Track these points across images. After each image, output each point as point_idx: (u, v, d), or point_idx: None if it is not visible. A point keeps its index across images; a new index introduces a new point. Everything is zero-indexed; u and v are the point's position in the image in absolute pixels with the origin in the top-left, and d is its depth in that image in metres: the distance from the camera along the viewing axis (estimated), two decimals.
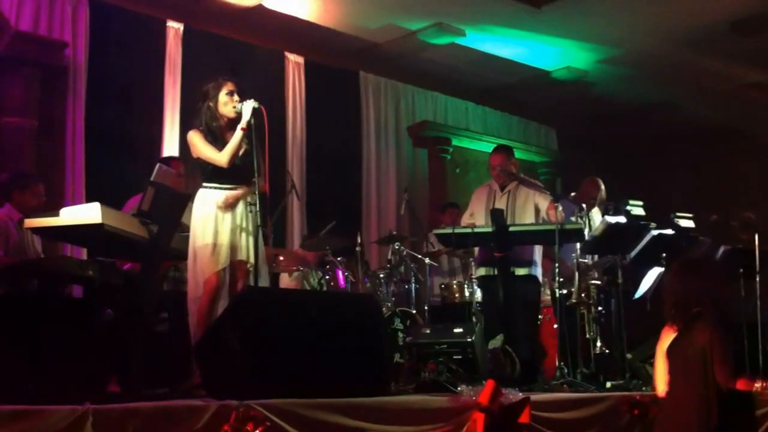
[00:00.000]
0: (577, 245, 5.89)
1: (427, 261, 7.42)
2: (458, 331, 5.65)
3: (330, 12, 8.34)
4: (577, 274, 5.89)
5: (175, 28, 8.03)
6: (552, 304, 6.49)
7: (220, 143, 4.62)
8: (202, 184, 4.67)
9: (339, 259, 7.02)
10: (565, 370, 5.65)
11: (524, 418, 4.13)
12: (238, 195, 4.64)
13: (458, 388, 4.41)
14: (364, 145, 9.50)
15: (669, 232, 5.92)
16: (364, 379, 4.11)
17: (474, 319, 6.28)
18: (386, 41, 9.06)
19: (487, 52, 9.34)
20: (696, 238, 6.06)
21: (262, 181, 4.57)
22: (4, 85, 6.86)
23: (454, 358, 5.38)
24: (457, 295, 7.24)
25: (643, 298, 6.27)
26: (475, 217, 6.30)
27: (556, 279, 5.77)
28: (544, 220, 6.08)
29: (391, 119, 9.82)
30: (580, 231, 5.79)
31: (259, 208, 4.52)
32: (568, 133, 11.75)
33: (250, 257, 4.56)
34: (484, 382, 4.18)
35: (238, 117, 4.62)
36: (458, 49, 9.19)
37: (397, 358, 5.89)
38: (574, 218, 5.95)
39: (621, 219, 5.77)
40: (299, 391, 3.56)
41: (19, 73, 6.88)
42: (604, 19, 8.51)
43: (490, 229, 5.89)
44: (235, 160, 4.59)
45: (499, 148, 6.69)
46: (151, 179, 4.61)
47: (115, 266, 5.27)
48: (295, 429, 3.37)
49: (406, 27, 8.77)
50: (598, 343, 5.92)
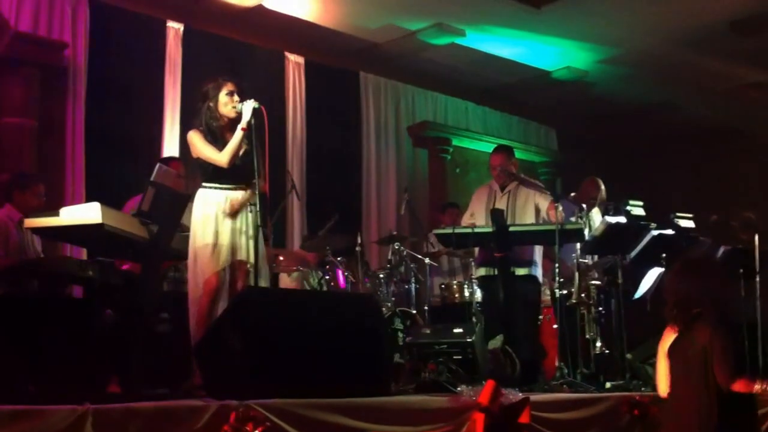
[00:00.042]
0: (577, 245, 5.89)
1: (427, 261, 7.42)
2: (458, 331, 5.64)
3: (330, 12, 8.34)
4: (577, 275, 5.89)
5: (175, 28, 8.03)
6: (552, 305, 6.48)
7: (220, 143, 4.62)
8: (202, 184, 4.66)
9: (339, 259, 7.01)
10: (565, 371, 5.65)
11: (524, 419, 4.13)
12: (242, 201, 4.62)
13: (458, 389, 4.40)
14: (364, 145, 9.49)
15: (669, 232, 5.91)
16: (364, 380, 4.11)
17: (474, 320, 6.28)
18: (386, 41, 9.05)
19: (487, 52, 9.34)
20: (696, 238, 6.06)
21: (262, 182, 4.57)
22: (4, 86, 6.86)
23: (454, 358, 5.37)
24: (457, 296, 7.23)
25: (643, 298, 6.26)
26: (476, 218, 6.30)
27: (556, 279, 5.78)
28: (545, 220, 6.09)
29: (391, 119, 9.82)
30: (580, 231, 5.79)
31: (259, 208, 4.51)
32: (568, 133, 11.74)
33: (250, 257, 4.55)
34: (484, 383, 4.18)
35: (238, 117, 4.61)
36: (458, 49, 9.19)
37: (397, 359, 5.88)
38: (574, 218, 5.95)
39: (621, 219, 5.77)
40: (299, 392, 3.56)
41: (18, 73, 6.88)
42: (604, 19, 8.51)
43: (490, 230, 5.90)
44: (235, 160, 4.59)
45: (500, 149, 6.70)
46: (151, 179, 4.62)
47: (115, 266, 5.27)
48: (295, 429, 3.37)
49: (406, 27, 8.77)
50: (598, 344, 5.91)
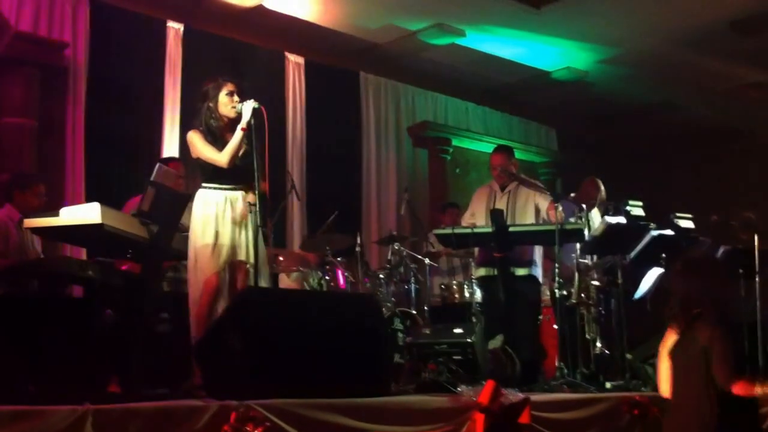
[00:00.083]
0: (577, 246, 5.89)
1: (427, 261, 7.42)
2: (458, 331, 5.64)
3: (330, 12, 8.34)
4: (577, 275, 5.88)
5: (175, 28, 8.03)
6: (552, 305, 6.48)
7: (220, 143, 4.61)
8: (202, 184, 4.66)
9: (339, 260, 7.01)
10: (565, 371, 5.65)
11: (524, 419, 4.14)
12: (242, 213, 4.62)
13: (458, 389, 4.41)
14: (364, 146, 9.49)
15: (669, 232, 5.91)
16: (364, 380, 4.11)
17: (474, 320, 6.27)
18: (386, 41, 9.05)
19: (487, 53, 9.34)
20: (696, 238, 6.06)
21: (262, 182, 4.57)
22: (4, 86, 6.87)
23: (454, 358, 5.38)
24: (457, 296, 7.23)
25: (643, 298, 6.26)
26: (476, 218, 6.31)
27: (556, 279, 5.78)
28: (545, 220, 6.09)
29: (392, 119, 9.82)
30: (580, 231, 5.79)
31: (259, 209, 4.52)
32: (568, 134, 11.75)
33: (251, 257, 4.55)
34: (484, 383, 4.18)
35: (238, 117, 4.61)
36: (458, 50, 9.19)
37: (397, 359, 5.88)
38: (574, 219, 5.95)
39: (621, 219, 5.77)
40: (299, 392, 3.56)
41: (19, 73, 6.88)
42: (604, 19, 8.51)
43: (490, 230, 5.90)
44: (235, 160, 4.58)
45: (500, 149, 6.70)
46: (151, 179, 4.62)
47: (115, 267, 5.27)
48: (295, 429, 3.37)
49: (407, 27, 8.77)
50: (598, 344, 5.91)
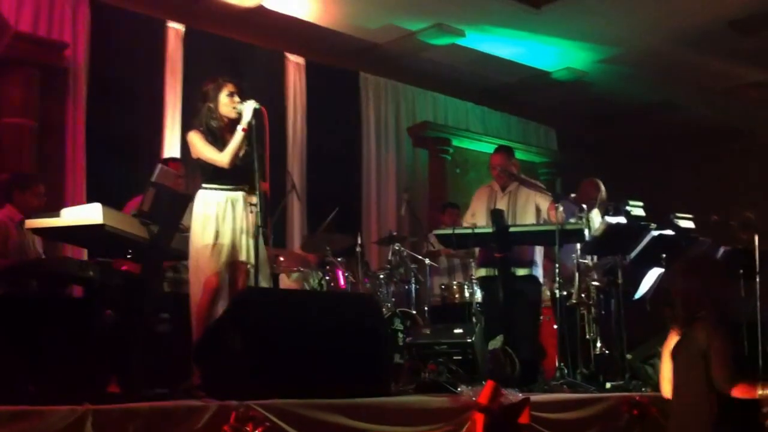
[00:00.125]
0: (577, 246, 5.89)
1: (427, 261, 7.42)
2: (458, 331, 5.65)
3: (330, 12, 8.35)
4: (577, 275, 5.89)
5: (175, 29, 8.03)
6: (552, 305, 6.49)
7: (221, 144, 4.61)
8: (202, 185, 4.65)
9: (339, 260, 7.01)
10: (565, 371, 5.66)
11: (524, 419, 4.14)
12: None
13: (458, 389, 4.41)
14: (364, 146, 9.49)
15: (669, 232, 5.92)
16: (364, 380, 4.12)
17: (474, 320, 6.28)
18: (386, 42, 9.05)
19: (486, 53, 9.34)
20: (696, 238, 6.06)
21: (262, 182, 4.57)
22: (4, 86, 6.87)
23: (454, 358, 5.38)
24: (457, 296, 7.23)
25: (643, 298, 6.26)
26: (477, 218, 6.30)
27: (556, 280, 5.78)
28: (545, 220, 6.09)
29: (391, 119, 9.82)
30: (581, 231, 5.79)
31: (259, 209, 4.52)
32: (568, 134, 11.75)
33: (251, 257, 4.55)
34: (484, 383, 4.18)
35: (239, 118, 4.61)
36: (458, 50, 9.19)
37: (397, 359, 5.88)
38: (574, 219, 5.95)
39: (621, 219, 5.77)
40: (299, 392, 3.56)
41: (19, 73, 6.89)
42: (603, 19, 8.51)
43: (490, 230, 5.90)
44: (236, 160, 4.58)
45: (500, 149, 6.70)
46: (152, 180, 4.62)
47: (114, 267, 5.27)
48: (295, 429, 3.37)
49: (406, 27, 8.77)
50: (598, 344, 5.92)
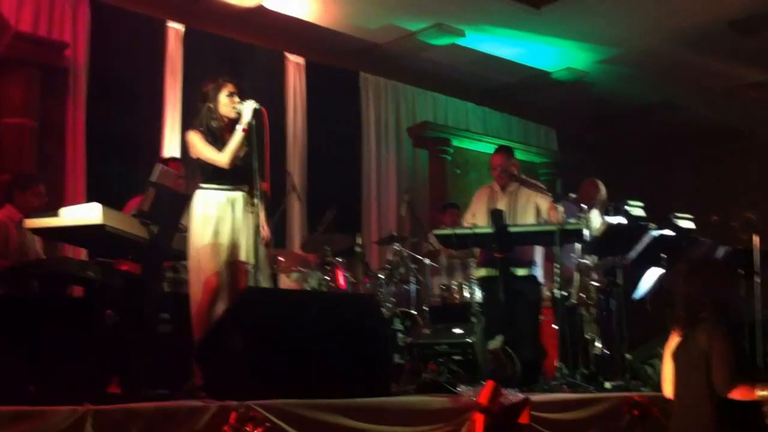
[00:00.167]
0: (577, 246, 5.89)
1: (428, 262, 7.42)
2: (458, 331, 5.64)
3: (330, 12, 8.35)
4: (577, 275, 5.89)
5: (175, 28, 8.04)
6: (552, 305, 6.48)
7: (220, 144, 4.60)
8: (201, 185, 4.63)
9: (339, 260, 7.01)
10: (565, 371, 5.65)
11: (524, 419, 4.14)
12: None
13: (458, 389, 4.41)
14: (364, 146, 9.49)
15: (669, 232, 5.91)
16: (365, 380, 4.12)
17: (474, 320, 6.28)
18: (386, 42, 9.06)
19: (487, 53, 9.35)
20: (696, 238, 6.06)
21: (262, 182, 4.57)
22: (5, 86, 6.87)
23: (455, 358, 5.37)
24: (457, 296, 7.23)
25: (643, 298, 6.26)
26: (477, 218, 6.30)
27: (556, 280, 5.78)
28: (545, 221, 6.08)
29: (392, 120, 9.82)
30: (580, 232, 5.78)
31: (259, 209, 4.51)
32: (568, 134, 11.75)
33: (251, 258, 4.55)
34: (484, 383, 4.18)
35: (239, 118, 4.60)
36: (458, 50, 9.19)
37: (398, 359, 5.88)
38: (574, 219, 5.95)
39: (621, 220, 5.78)
40: (299, 392, 3.56)
41: (19, 73, 6.89)
42: (603, 19, 8.51)
43: (490, 230, 5.90)
44: (236, 161, 4.58)
45: (500, 149, 6.70)
46: (152, 180, 4.62)
47: (115, 267, 5.27)
48: (295, 430, 3.37)
49: (406, 27, 8.77)
50: (598, 344, 5.92)
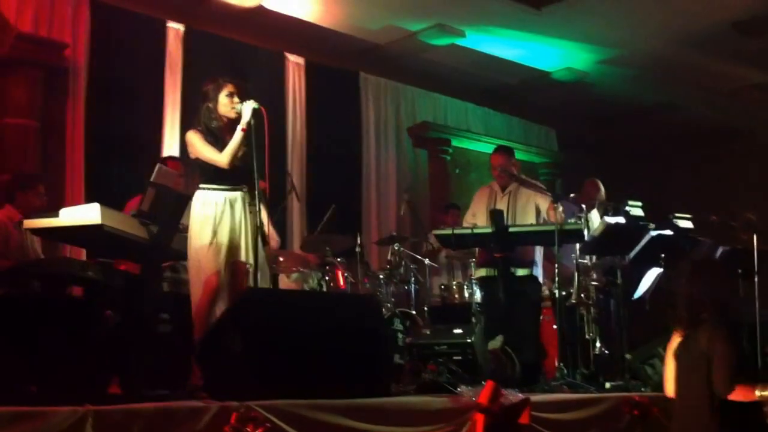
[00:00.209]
0: (577, 246, 5.89)
1: (427, 262, 7.42)
2: (458, 332, 5.65)
3: (330, 13, 8.35)
4: (576, 275, 5.89)
5: (175, 29, 8.03)
6: (552, 305, 6.49)
7: (220, 144, 4.60)
8: (201, 185, 4.63)
9: (339, 260, 7.01)
10: (565, 371, 5.66)
11: (524, 419, 4.14)
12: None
13: (458, 389, 4.41)
14: (365, 146, 9.49)
15: (668, 232, 5.92)
16: (365, 380, 4.12)
17: (474, 320, 6.28)
18: (387, 42, 9.06)
19: (487, 53, 9.34)
20: (695, 238, 6.06)
21: (261, 181, 4.57)
22: (6, 86, 6.88)
23: (454, 359, 5.38)
24: (457, 296, 7.24)
25: (642, 298, 6.27)
26: (477, 218, 6.31)
27: (556, 280, 5.78)
28: (545, 221, 6.09)
29: (392, 120, 9.82)
30: (580, 232, 5.79)
31: (258, 209, 4.52)
32: (569, 134, 11.74)
33: (250, 258, 4.55)
34: (484, 383, 4.18)
35: (238, 118, 4.59)
36: (458, 50, 9.19)
37: (398, 359, 5.88)
38: (574, 219, 5.95)
39: (620, 220, 5.77)
40: (300, 392, 3.56)
41: (20, 74, 6.90)
42: (604, 19, 8.51)
43: (490, 230, 5.90)
44: (235, 161, 4.58)
45: (500, 149, 6.70)
46: (152, 180, 4.62)
47: (114, 267, 5.27)
48: (296, 430, 3.37)
49: (407, 28, 8.77)
50: (598, 344, 5.92)
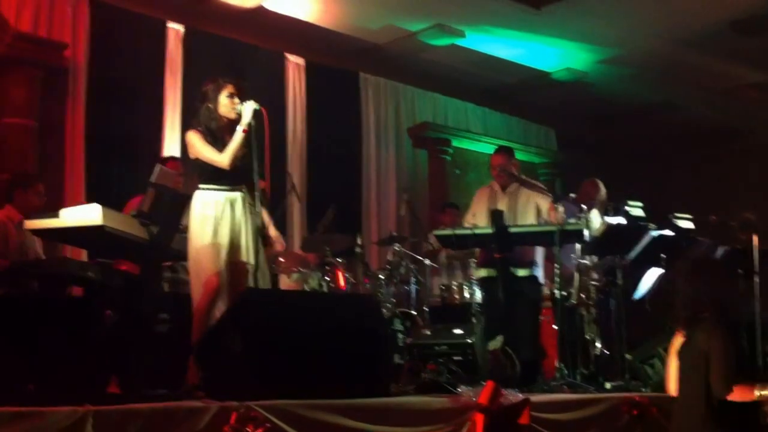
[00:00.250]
0: (577, 246, 5.89)
1: (427, 262, 7.41)
2: (458, 332, 5.65)
3: (330, 13, 8.35)
4: (576, 275, 5.89)
5: (175, 29, 8.03)
6: (552, 305, 6.49)
7: (220, 144, 4.60)
8: (200, 185, 4.62)
9: (339, 260, 7.01)
10: (565, 371, 5.66)
11: (524, 419, 4.14)
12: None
13: (458, 389, 4.41)
14: (364, 146, 9.49)
15: (668, 233, 5.92)
16: (365, 380, 4.12)
17: (474, 320, 6.28)
18: (386, 42, 9.06)
19: (487, 53, 9.34)
20: (695, 238, 6.06)
21: (262, 182, 4.57)
22: (5, 86, 6.88)
23: (454, 359, 5.39)
24: (457, 296, 7.22)
25: (643, 298, 6.27)
26: (477, 218, 6.30)
27: (556, 280, 5.78)
28: (546, 221, 6.09)
29: (391, 120, 9.82)
30: (580, 232, 5.78)
31: (258, 210, 4.52)
32: (568, 134, 11.74)
33: (251, 258, 4.55)
34: (484, 383, 4.18)
35: (238, 118, 4.60)
36: (458, 50, 9.19)
37: (398, 359, 5.89)
38: (574, 219, 5.95)
39: (621, 220, 5.78)
40: (300, 392, 3.56)
41: (19, 73, 6.90)
42: (603, 19, 8.51)
43: (490, 230, 5.90)
44: (236, 161, 4.58)
45: (500, 149, 6.71)
46: (152, 180, 4.62)
47: (114, 267, 5.27)
48: (296, 430, 3.37)
49: (406, 28, 8.77)
50: (598, 344, 5.92)
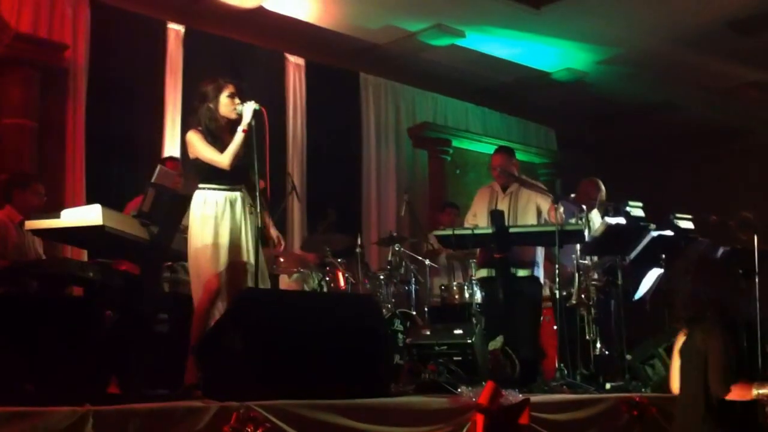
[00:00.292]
0: (577, 246, 5.89)
1: (427, 262, 7.42)
2: (458, 332, 5.65)
3: (330, 13, 8.35)
4: (576, 275, 5.89)
5: (175, 29, 8.04)
6: (552, 306, 6.49)
7: (220, 144, 4.60)
8: (200, 185, 4.62)
9: (339, 261, 7.01)
10: (565, 371, 5.66)
11: (524, 420, 4.14)
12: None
13: (458, 390, 4.41)
14: (364, 146, 9.50)
15: (668, 233, 5.92)
16: (364, 380, 4.12)
17: (474, 321, 6.29)
18: (386, 42, 9.06)
19: (486, 53, 9.34)
20: (695, 238, 6.06)
21: (262, 183, 4.57)
22: (5, 87, 6.88)
23: (454, 359, 5.38)
24: (456, 297, 7.23)
25: (643, 299, 6.27)
26: (478, 218, 6.31)
27: (556, 280, 5.78)
28: (546, 221, 6.09)
29: (391, 120, 9.82)
30: (580, 232, 5.79)
31: (259, 210, 4.52)
32: (568, 134, 11.74)
33: (251, 258, 4.56)
34: (483, 384, 4.18)
35: (239, 118, 4.60)
36: (458, 50, 9.19)
37: (397, 360, 5.89)
38: (574, 219, 5.95)
39: (621, 220, 5.78)
40: (299, 393, 3.56)
41: (19, 74, 6.90)
42: (603, 19, 8.51)
43: (490, 231, 5.90)
44: (236, 162, 4.58)
45: (500, 149, 6.70)
46: (152, 181, 4.62)
47: (114, 267, 5.28)
48: (295, 430, 3.37)
49: (406, 28, 8.77)
50: (598, 344, 5.92)
